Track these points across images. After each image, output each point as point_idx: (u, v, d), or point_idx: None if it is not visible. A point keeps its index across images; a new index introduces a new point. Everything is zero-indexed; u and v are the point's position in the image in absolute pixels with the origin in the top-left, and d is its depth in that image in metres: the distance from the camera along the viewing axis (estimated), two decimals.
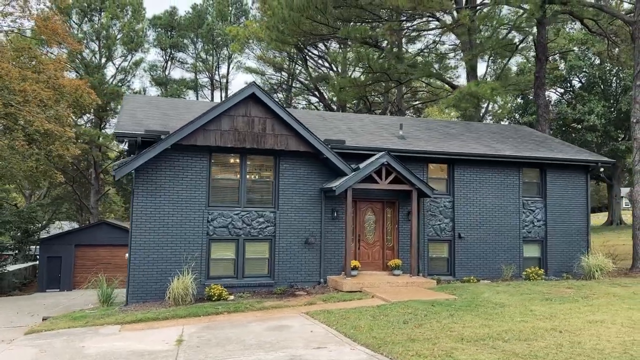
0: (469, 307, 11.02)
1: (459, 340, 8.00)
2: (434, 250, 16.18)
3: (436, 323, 9.44)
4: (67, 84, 23.19)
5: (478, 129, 19.94)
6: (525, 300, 11.75)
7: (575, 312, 10.10)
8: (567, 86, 44.23)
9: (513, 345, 7.55)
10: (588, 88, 40.15)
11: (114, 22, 48.34)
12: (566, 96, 44.07)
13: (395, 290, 13.23)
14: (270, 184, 14.75)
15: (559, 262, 17.01)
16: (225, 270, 14.20)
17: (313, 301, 12.61)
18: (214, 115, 13.54)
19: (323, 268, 14.83)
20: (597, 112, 36.94)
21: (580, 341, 7.67)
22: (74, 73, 47.45)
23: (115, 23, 48.48)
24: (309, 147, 14.37)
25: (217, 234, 14.12)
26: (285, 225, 14.63)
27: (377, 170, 14.64)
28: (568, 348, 7.33)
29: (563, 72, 41.21)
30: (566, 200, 17.29)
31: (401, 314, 10.36)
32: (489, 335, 8.23)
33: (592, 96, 38.80)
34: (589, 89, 39.97)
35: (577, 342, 7.60)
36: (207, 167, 14.08)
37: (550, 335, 8.11)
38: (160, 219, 13.59)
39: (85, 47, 47.51)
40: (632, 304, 11.07)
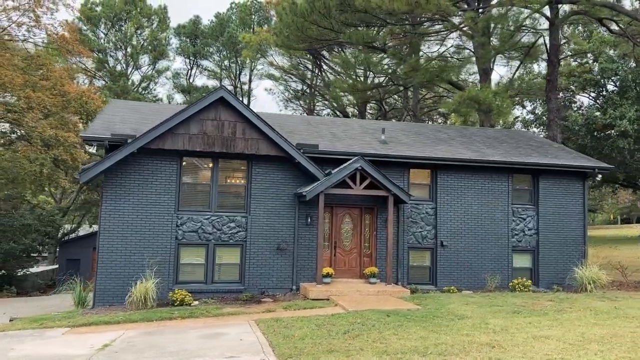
0: (425, 318, 10.50)
1: (378, 353, 7.56)
2: (415, 259, 15.61)
3: (376, 334, 9.00)
4: (72, 90, 23.76)
5: (473, 133, 19.24)
6: (490, 312, 11.13)
7: (529, 327, 9.45)
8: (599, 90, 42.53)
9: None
10: (621, 92, 38.42)
11: (139, 31, 49.63)
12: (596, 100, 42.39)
13: (362, 299, 12.78)
14: (242, 189, 14.57)
15: (551, 274, 16.14)
16: (194, 276, 14.07)
17: (273, 308, 12.32)
18: (182, 118, 13.48)
19: (296, 275, 14.50)
20: (629, 117, 35.21)
21: (503, 358, 7.10)
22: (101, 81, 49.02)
23: (140, 32, 49.76)
24: (281, 151, 14.13)
25: (187, 238, 14.02)
26: (257, 230, 14.40)
27: (351, 175, 14.26)
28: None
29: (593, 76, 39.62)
30: (561, 208, 16.41)
31: (348, 324, 9.96)
32: (414, 349, 7.75)
33: (625, 100, 37.06)
34: (621, 93, 38.24)
35: (497, 359, 7.05)
36: (177, 171, 14.01)
37: (478, 351, 7.56)
38: (128, 222, 13.58)
39: (109, 56, 48.96)
40: (602, 319, 10.30)
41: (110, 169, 13.37)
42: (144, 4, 51.36)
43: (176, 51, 52.09)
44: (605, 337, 8.31)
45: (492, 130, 20.97)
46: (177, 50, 52.19)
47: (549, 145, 18.45)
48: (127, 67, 50.49)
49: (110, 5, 49.17)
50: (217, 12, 53.47)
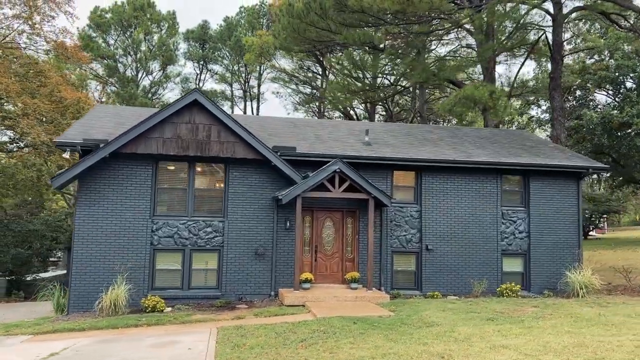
0: (392, 326, 10.10)
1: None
2: (400, 263, 15.16)
3: (332, 343, 8.66)
4: (69, 96, 23.90)
5: (465, 134, 18.70)
6: (463, 319, 10.65)
7: (495, 335, 8.98)
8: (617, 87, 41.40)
9: None
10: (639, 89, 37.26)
11: (148, 36, 50.02)
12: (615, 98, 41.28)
13: (337, 305, 12.41)
14: (219, 193, 14.33)
15: (543, 278, 15.53)
16: (170, 282, 13.86)
17: (244, 315, 12.02)
18: (155, 122, 13.31)
19: (275, 280, 14.20)
20: None
21: None
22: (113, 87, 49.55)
23: (149, 38, 50.15)
24: (257, 154, 13.86)
25: (162, 244, 13.83)
26: (235, 235, 14.15)
27: (329, 178, 13.90)
28: None
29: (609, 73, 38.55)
30: (553, 209, 15.79)
31: (310, 332, 9.62)
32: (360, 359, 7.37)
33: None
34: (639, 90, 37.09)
35: None
36: (152, 175, 13.84)
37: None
38: (102, 228, 13.45)
39: (118, 62, 49.42)
40: (578, 327, 9.75)
41: (85, 174, 13.29)
42: (153, 10, 51.83)
43: (185, 56, 52.37)
44: (568, 347, 7.80)
45: (487, 130, 20.39)
46: (185, 55, 52.47)
47: (544, 145, 17.82)
48: (137, 73, 50.98)
49: (119, 12, 49.69)
50: (226, 16, 53.65)
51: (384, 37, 23.99)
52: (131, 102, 45.18)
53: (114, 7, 50.37)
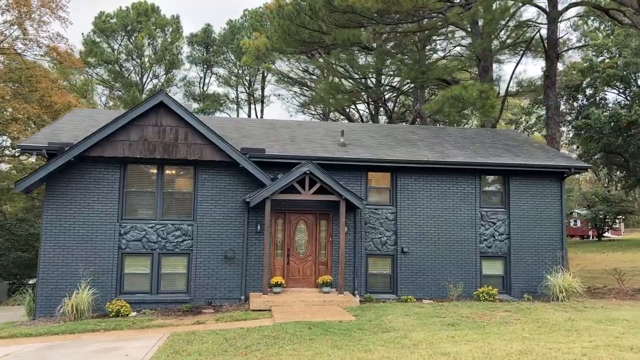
0: (348, 331, 9.79)
1: None
2: (374, 266, 14.83)
3: (274, 350, 8.40)
4: (58, 100, 24.01)
5: (449, 134, 18.31)
6: (424, 324, 10.31)
7: (445, 341, 8.63)
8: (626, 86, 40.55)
9: None
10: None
11: (151, 41, 50.28)
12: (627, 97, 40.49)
13: (303, 310, 12.14)
14: (188, 196, 14.16)
15: (524, 281, 15.07)
16: (139, 286, 13.71)
17: (205, 320, 11.81)
18: (120, 125, 13.19)
19: (245, 284, 13.98)
20: None
21: None
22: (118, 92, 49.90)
23: (153, 42, 50.42)
24: (225, 156, 13.66)
25: (130, 247, 13.69)
26: (204, 239, 13.96)
27: (299, 179, 13.66)
28: None
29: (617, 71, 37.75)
30: (535, 211, 15.33)
31: (261, 337, 9.38)
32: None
33: None
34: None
35: None
36: (120, 178, 13.73)
37: None
38: (70, 231, 13.36)
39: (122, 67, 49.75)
40: (539, 333, 9.36)
41: (52, 178, 13.23)
42: (158, 14, 52.16)
43: (189, 60, 52.54)
44: (512, 354, 7.43)
45: (472, 130, 19.94)
46: (189, 59, 52.64)
47: (529, 145, 17.34)
48: (141, 77, 51.31)
49: (123, 17, 50.07)
50: (229, 20, 53.79)
51: (372, 37, 23.67)
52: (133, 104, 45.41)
53: (118, 12, 50.80)
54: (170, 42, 51.39)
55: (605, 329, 9.66)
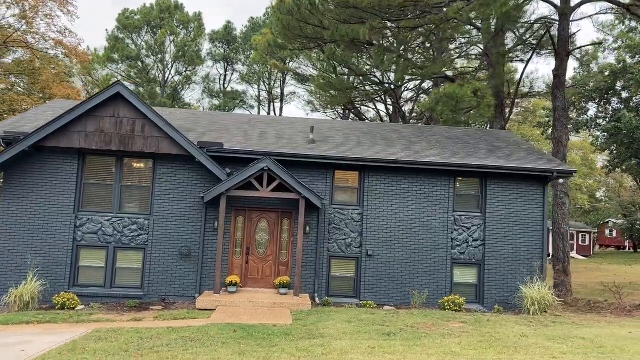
0: (272, 336, 9.26)
1: None
2: (338, 269, 14.18)
3: (177, 352, 7.96)
4: (58, 92, 24.26)
5: (434, 133, 17.45)
6: (358, 333, 9.65)
7: (363, 353, 7.97)
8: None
9: None
10: None
11: (173, 37, 50.74)
12: None
13: (248, 311, 11.65)
14: (146, 190, 13.85)
15: (498, 291, 14.14)
16: (93, 279, 13.49)
17: (142, 317, 11.46)
18: (77, 115, 12.99)
19: (201, 282, 13.58)
20: None
21: None
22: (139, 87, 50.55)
23: (174, 39, 50.87)
24: (182, 150, 13.29)
25: (86, 240, 13.49)
26: (160, 234, 13.63)
27: (257, 176, 13.18)
28: None
29: None
30: (514, 216, 14.37)
31: (177, 339, 8.96)
32: None
33: None
34: None
35: None
36: (78, 169, 13.55)
37: None
38: (25, 222, 13.26)
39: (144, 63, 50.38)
40: (474, 347, 8.59)
41: (10, 167, 13.17)
42: (181, 12, 52.60)
43: (209, 57, 52.77)
44: None
45: (461, 130, 18.98)
46: (210, 56, 52.87)
47: (517, 147, 16.32)
48: (163, 74, 51.83)
49: (146, 14, 50.70)
50: (251, 17, 53.83)
51: (369, 32, 22.92)
52: (151, 101, 45.89)
53: (142, 9, 51.51)
54: (192, 39, 51.74)
55: (550, 347, 8.80)
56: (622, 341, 9.50)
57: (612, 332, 10.68)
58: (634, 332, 10.84)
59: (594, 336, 10.03)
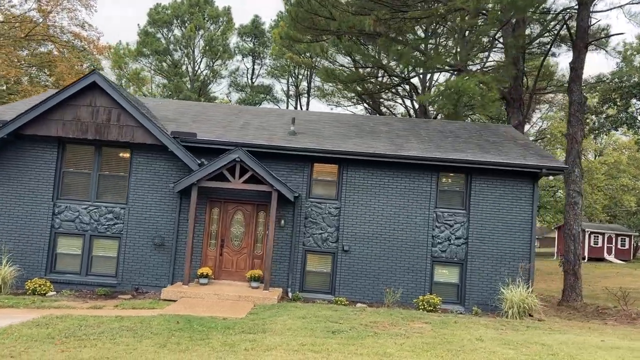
0: (212, 330, 9.06)
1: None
2: (313, 264, 13.86)
3: (101, 342, 7.87)
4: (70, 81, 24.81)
5: (427, 127, 16.82)
6: (304, 329, 9.33)
7: (282, 350, 7.67)
8: None
9: None
10: None
11: (201, 32, 51.35)
12: None
13: (209, 304, 11.52)
14: (123, 179, 13.89)
15: (481, 292, 13.48)
16: (70, 266, 13.66)
17: (103, 305, 11.48)
18: (54, 103, 13.14)
19: (174, 273, 13.54)
20: None
21: None
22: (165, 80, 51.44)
23: (203, 33, 51.46)
24: (155, 139, 13.26)
25: (63, 227, 13.67)
26: (135, 223, 13.66)
27: (229, 167, 13.01)
28: None
29: None
30: (500, 214, 13.67)
31: (116, 328, 8.87)
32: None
33: None
34: None
35: None
36: (57, 158, 13.72)
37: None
38: (5, 209, 13.54)
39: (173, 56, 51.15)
40: (415, 349, 8.16)
41: None
42: (211, 6, 53.16)
43: (236, 50, 53.09)
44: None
45: (459, 123, 18.22)
46: (237, 50, 53.19)
47: (512, 142, 15.51)
48: (193, 67, 52.51)
49: (176, 8, 51.44)
50: (280, 12, 53.68)
51: (374, 23, 22.37)
52: (176, 94, 46.60)
53: (172, 3, 52.31)
54: (221, 33, 52.18)
55: (497, 352, 8.26)
56: (583, 350, 8.84)
57: (584, 340, 9.98)
58: (607, 341, 10.08)
59: (558, 343, 9.38)
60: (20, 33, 26.93)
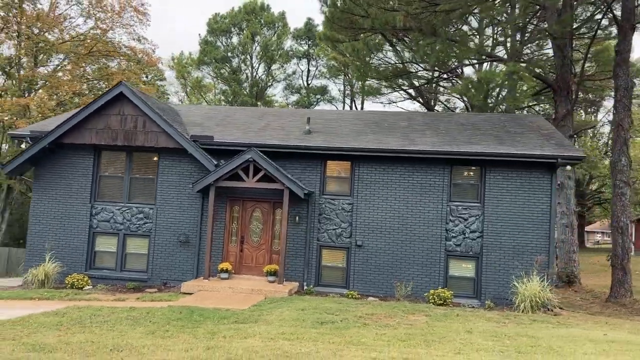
0: (206, 319, 9.72)
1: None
2: (328, 259, 14.22)
3: (95, 329, 8.73)
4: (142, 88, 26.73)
5: (450, 121, 16.63)
6: (291, 320, 9.75)
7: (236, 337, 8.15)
8: None
9: None
10: None
11: (258, 37, 52.90)
12: None
13: (222, 297, 12.23)
14: (151, 181, 14.93)
15: (497, 286, 13.27)
16: (106, 263, 14.89)
17: (127, 298, 12.50)
18: (86, 114, 14.38)
19: (198, 268, 14.40)
20: None
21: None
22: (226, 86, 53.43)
23: (259, 39, 52.99)
24: (176, 143, 14.17)
25: (100, 227, 14.91)
26: (163, 222, 14.66)
27: (244, 167, 13.68)
28: None
29: None
30: (516, 206, 13.38)
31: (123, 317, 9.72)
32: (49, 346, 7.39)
33: None
34: None
35: None
36: (93, 163, 14.98)
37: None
38: (50, 211, 14.98)
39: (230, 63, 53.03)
40: (385, 340, 8.35)
41: (39, 162, 14.95)
42: (267, 12, 54.63)
43: (291, 54, 54.16)
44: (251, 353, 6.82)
45: (484, 115, 17.77)
46: (292, 53, 54.25)
47: (536, 132, 15.02)
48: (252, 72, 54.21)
49: (233, 17, 53.31)
50: None
51: (404, 18, 22.27)
52: (235, 99, 48.32)
53: (230, 12, 54.26)
54: (277, 38, 53.50)
55: (474, 342, 8.28)
56: (572, 342, 8.65)
57: (584, 334, 9.68)
58: (610, 335, 9.71)
59: (550, 336, 9.21)
60: (83, 50, 29.27)
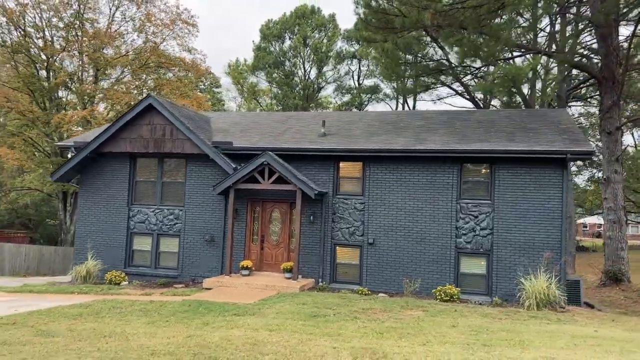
0: (210, 311, 10.60)
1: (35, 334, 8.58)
2: (342, 257, 14.75)
3: (107, 319, 9.81)
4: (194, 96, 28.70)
5: (468, 118, 16.63)
6: (286, 313, 10.45)
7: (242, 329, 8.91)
8: None
9: None
10: None
11: (308, 41, 53.92)
12: None
13: (237, 292, 13.13)
14: (180, 185, 16.11)
15: (507, 283, 13.27)
16: (142, 260, 16.24)
17: (153, 293, 13.66)
18: (121, 125, 15.78)
19: (222, 265, 15.39)
20: None
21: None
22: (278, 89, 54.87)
23: (310, 42, 53.99)
24: (199, 149, 15.23)
25: (137, 228, 16.28)
26: (191, 223, 15.79)
27: (259, 170, 14.51)
28: None
29: None
30: (527, 203, 13.32)
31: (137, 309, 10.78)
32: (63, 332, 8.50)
33: None
34: None
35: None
36: (129, 170, 16.38)
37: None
38: (95, 214, 16.54)
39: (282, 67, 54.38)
40: (362, 332, 8.86)
41: (84, 169, 16.57)
42: (318, 15, 55.57)
43: (342, 55, 54.71)
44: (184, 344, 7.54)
45: (504, 112, 17.48)
46: (343, 54, 54.80)
47: (554, 127, 14.78)
48: (304, 76, 55.36)
49: (284, 22, 54.67)
50: None
51: (432, 16, 22.26)
52: (286, 102, 49.59)
53: (281, 18, 55.67)
54: (327, 40, 54.31)
55: (447, 335, 8.61)
56: (553, 338, 8.78)
57: (572, 330, 9.70)
58: (600, 331, 9.64)
59: (533, 331, 9.35)
60: (138, 63, 31.41)
